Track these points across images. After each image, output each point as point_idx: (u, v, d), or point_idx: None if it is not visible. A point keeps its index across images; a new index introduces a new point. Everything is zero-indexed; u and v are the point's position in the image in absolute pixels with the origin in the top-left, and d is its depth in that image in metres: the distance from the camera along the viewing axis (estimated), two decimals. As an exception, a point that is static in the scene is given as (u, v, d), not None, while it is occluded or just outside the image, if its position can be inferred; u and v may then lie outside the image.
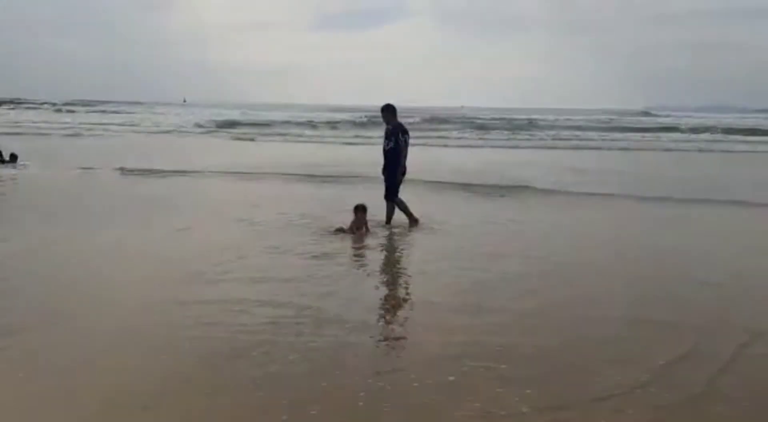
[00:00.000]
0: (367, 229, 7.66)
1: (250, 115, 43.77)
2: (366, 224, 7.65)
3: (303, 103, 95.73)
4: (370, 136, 26.85)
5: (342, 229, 7.52)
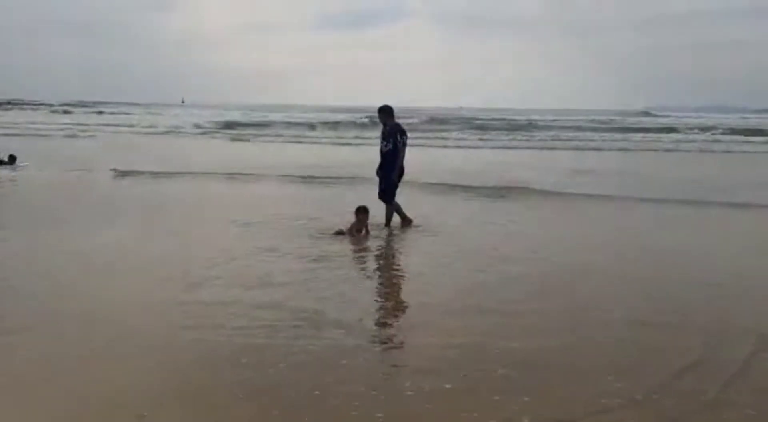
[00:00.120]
0: (367, 231, 7.57)
1: (249, 116, 43.63)
2: (366, 226, 7.57)
3: (302, 104, 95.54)
4: (370, 136, 26.75)
5: (342, 232, 7.43)
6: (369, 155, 8.52)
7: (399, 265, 6.54)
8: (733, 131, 34.75)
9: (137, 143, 24.47)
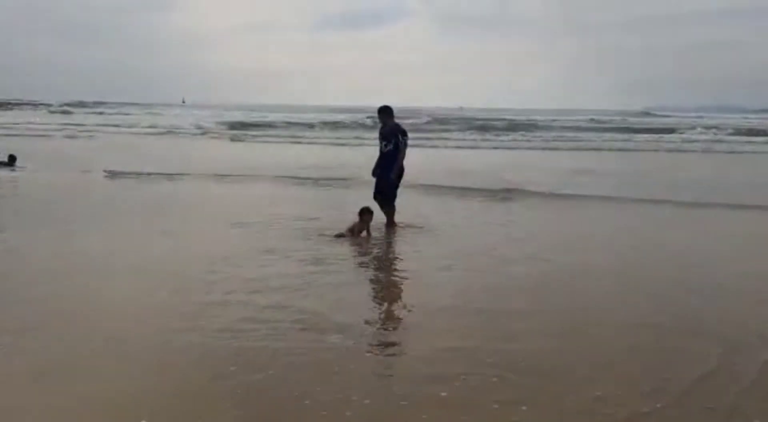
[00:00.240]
0: (369, 234, 7.45)
1: (252, 117, 43.32)
2: (368, 228, 7.45)
3: (302, 104, 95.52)
4: (371, 137, 26.64)
5: (342, 234, 7.29)
6: (371, 155, 8.38)
7: (399, 267, 6.40)
8: (738, 131, 34.63)
9: (138, 144, 24.38)
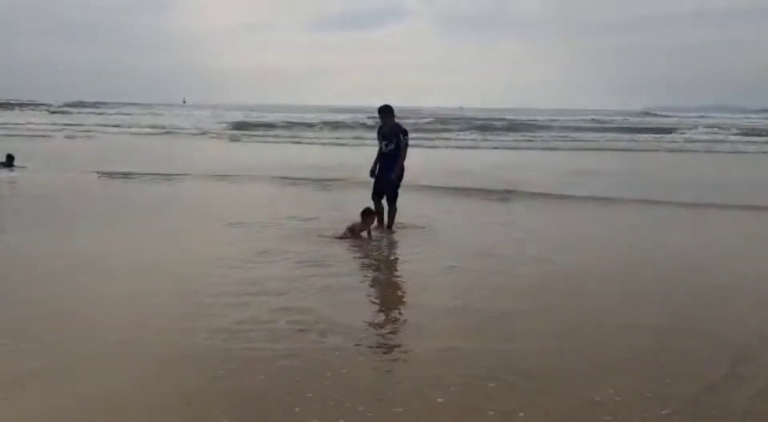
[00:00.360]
0: (370, 235, 7.41)
1: (251, 117, 43.16)
2: (369, 230, 7.42)
3: (302, 104, 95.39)
4: (371, 137, 26.56)
5: (342, 236, 7.23)
6: (371, 155, 8.31)
7: (399, 268, 6.37)
8: (740, 131, 34.55)
9: (138, 144, 24.31)
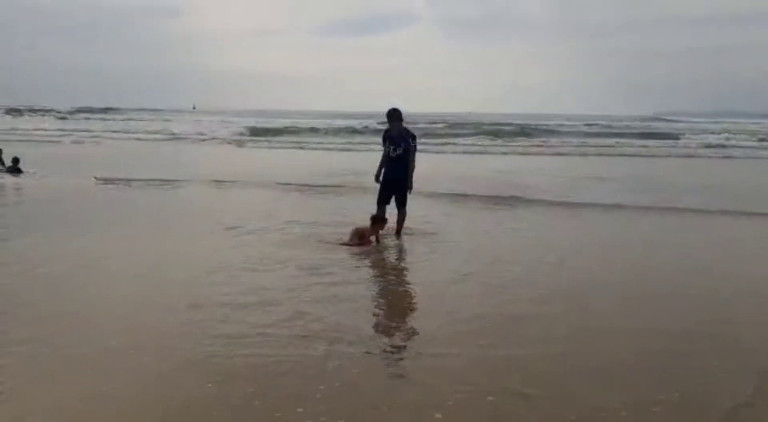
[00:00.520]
0: (378, 241, 7.21)
1: (259, 122, 43.03)
2: (378, 236, 7.22)
3: (312, 110, 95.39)
4: (378, 141, 26.33)
5: (348, 243, 7.01)
6: (377, 160, 8.07)
7: (408, 275, 6.18)
8: (753, 136, 34.11)
9: (146, 150, 24.31)
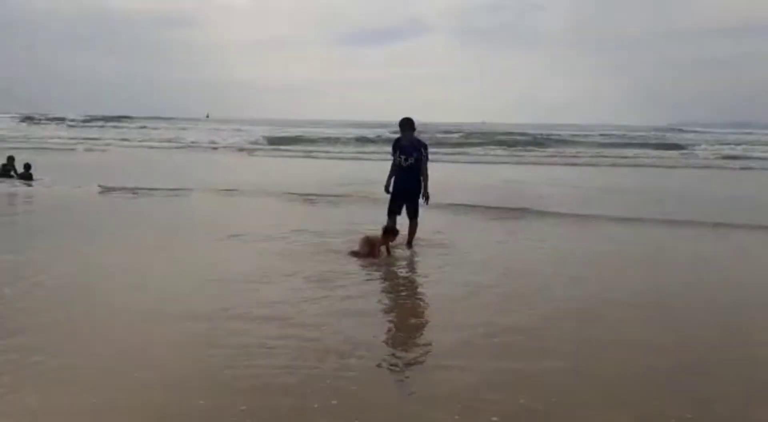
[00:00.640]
0: (389, 252, 7.01)
1: (274, 132, 43.04)
2: (388, 247, 7.03)
3: (325, 119, 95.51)
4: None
5: (357, 253, 6.81)
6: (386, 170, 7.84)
7: (417, 287, 6.02)
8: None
9: (159, 159, 24.36)
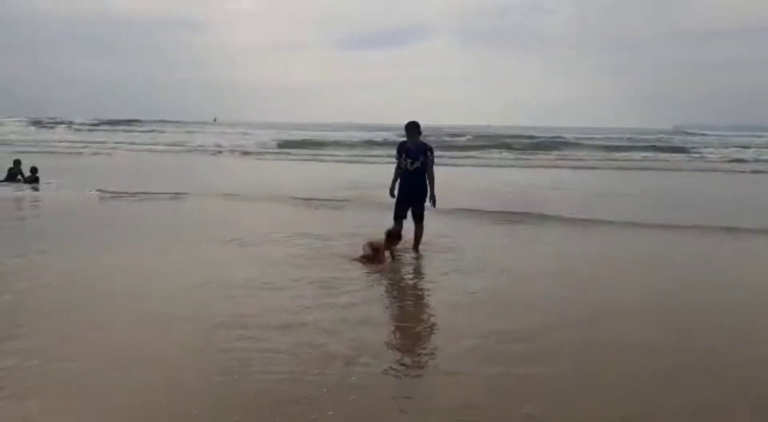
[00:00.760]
0: (393, 257, 7.03)
1: (280, 136, 43.07)
2: (393, 251, 7.04)
3: (332, 122, 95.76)
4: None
5: (364, 257, 6.86)
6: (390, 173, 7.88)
7: (422, 292, 6.00)
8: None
9: (166, 163, 24.49)
